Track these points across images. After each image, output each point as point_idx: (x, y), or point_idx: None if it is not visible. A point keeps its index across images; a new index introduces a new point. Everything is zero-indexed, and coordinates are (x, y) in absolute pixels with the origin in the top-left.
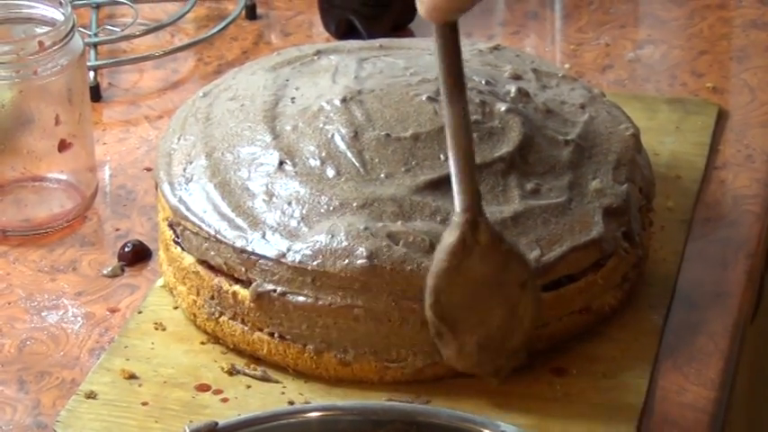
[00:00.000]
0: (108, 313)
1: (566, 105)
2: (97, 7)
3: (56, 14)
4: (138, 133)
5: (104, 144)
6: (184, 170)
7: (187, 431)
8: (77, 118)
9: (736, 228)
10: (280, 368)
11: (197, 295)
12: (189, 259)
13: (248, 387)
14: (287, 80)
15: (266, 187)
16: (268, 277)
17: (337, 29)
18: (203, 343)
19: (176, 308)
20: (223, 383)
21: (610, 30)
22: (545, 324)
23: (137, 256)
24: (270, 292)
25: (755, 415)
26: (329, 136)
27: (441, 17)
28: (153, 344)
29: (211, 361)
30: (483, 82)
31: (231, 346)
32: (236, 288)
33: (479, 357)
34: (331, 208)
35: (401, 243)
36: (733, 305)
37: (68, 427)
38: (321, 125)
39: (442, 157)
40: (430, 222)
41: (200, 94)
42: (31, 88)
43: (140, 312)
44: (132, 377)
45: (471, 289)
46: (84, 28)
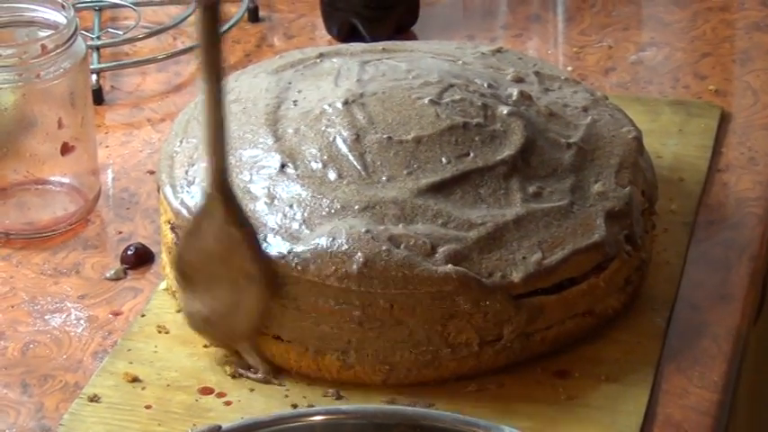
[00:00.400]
0: (111, 316)
1: (568, 108)
2: (100, 10)
3: (58, 18)
4: (141, 136)
5: (107, 147)
6: (187, 173)
7: None
8: (80, 121)
9: (739, 230)
10: (283, 371)
11: None
12: None
13: (251, 390)
14: (289, 83)
15: (268, 190)
16: None
17: (340, 32)
18: (206, 346)
19: (179, 311)
20: (226, 386)
21: (612, 32)
22: (548, 326)
23: (140, 259)
24: None
25: (759, 417)
26: (331, 139)
27: None
28: (156, 347)
29: (214, 364)
30: (485, 85)
31: (234, 350)
32: None
33: (204, 324)
34: (332, 211)
35: (402, 246)
36: (736, 308)
37: (72, 431)
38: (323, 128)
39: (444, 160)
40: (431, 225)
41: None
42: (34, 91)
43: (143, 315)
44: (135, 380)
45: (206, 258)
46: (86, 31)
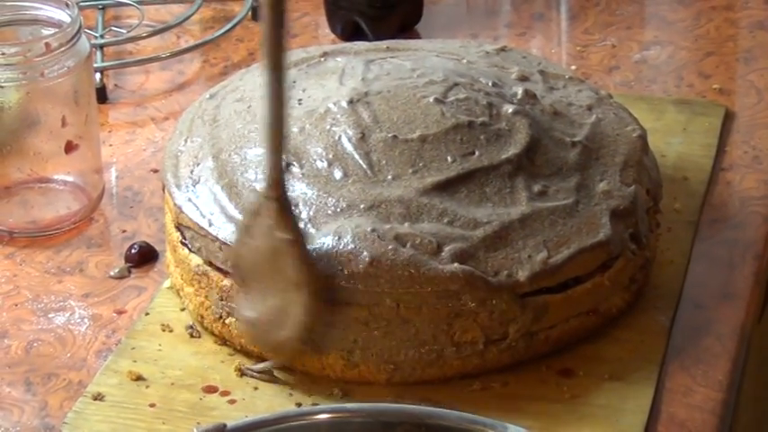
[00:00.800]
0: (115, 315)
1: (573, 107)
2: (103, 9)
3: (62, 16)
4: (145, 135)
5: (111, 146)
6: (191, 172)
7: None
8: (84, 119)
9: (743, 229)
10: (287, 369)
11: (204, 297)
12: (196, 261)
13: (255, 389)
14: (294, 82)
15: None
16: None
17: (343, 30)
18: (211, 344)
19: (183, 309)
20: (230, 385)
21: (616, 31)
22: (553, 325)
23: (143, 258)
24: None
25: (763, 416)
26: (336, 138)
27: None
28: (160, 345)
29: (219, 362)
30: (490, 83)
31: (238, 348)
32: None
33: (255, 330)
34: (338, 210)
35: (408, 245)
36: (740, 306)
37: (75, 429)
38: (328, 127)
39: (449, 159)
40: (437, 224)
41: (206, 96)
42: (38, 90)
43: (147, 314)
44: (139, 379)
45: (257, 257)
46: (90, 29)
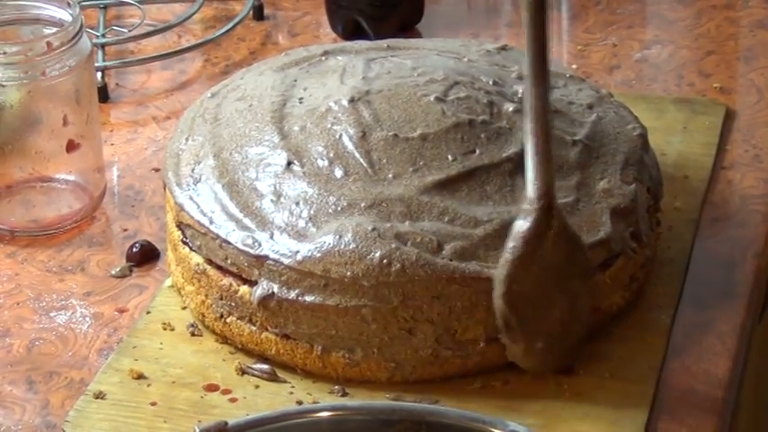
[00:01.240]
0: (116, 313)
1: (573, 106)
2: (105, 8)
3: (64, 15)
4: (146, 134)
5: (112, 145)
6: (192, 171)
7: (197, 431)
8: (85, 119)
9: (743, 227)
10: (288, 368)
11: (205, 295)
12: (197, 259)
13: (256, 387)
14: (295, 80)
15: (274, 188)
16: (276, 278)
17: (344, 29)
18: (212, 343)
19: (185, 308)
20: (231, 383)
21: (617, 30)
22: None
23: (145, 257)
24: (273, 295)
25: (763, 414)
26: (337, 136)
27: None
28: (161, 344)
29: (220, 361)
30: (491, 82)
31: (239, 347)
32: (243, 288)
33: (544, 356)
34: (339, 208)
35: (409, 243)
36: (741, 305)
37: (77, 428)
38: (329, 125)
39: (450, 158)
40: (438, 223)
41: (208, 95)
42: (40, 89)
43: (149, 312)
44: (141, 377)
45: (541, 279)
46: (91, 29)
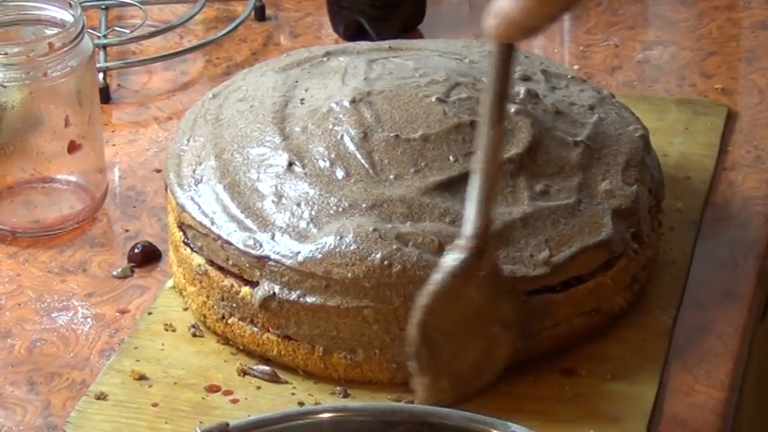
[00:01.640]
0: (118, 314)
1: (575, 107)
2: (106, 9)
3: (65, 16)
4: (148, 135)
5: (114, 145)
6: (194, 171)
7: None
8: (87, 119)
9: (745, 229)
10: (290, 369)
11: (206, 296)
12: (198, 260)
13: (258, 388)
14: (296, 81)
15: (275, 188)
16: (277, 278)
17: (346, 30)
18: (213, 344)
19: (186, 309)
20: (233, 384)
21: (618, 31)
22: (555, 324)
23: (146, 258)
24: (274, 296)
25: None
26: (338, 137)
27: (515, 35)
28: (163, 345)
29: (221, 362)
30: None
31: (241, 347)
32: (245, 289)
33: (446, 394)
34: (340, 209)
35: (410, 244)
36: (742, 306)
37: (78, 428)
38: (330, 126)
39: (451, 159)
40: (439, 223)
41: (209, 96)
42: (41, 90)
43: (150, 313)
44: (142, 378)
45: (459, 317)
46: (93, 29)
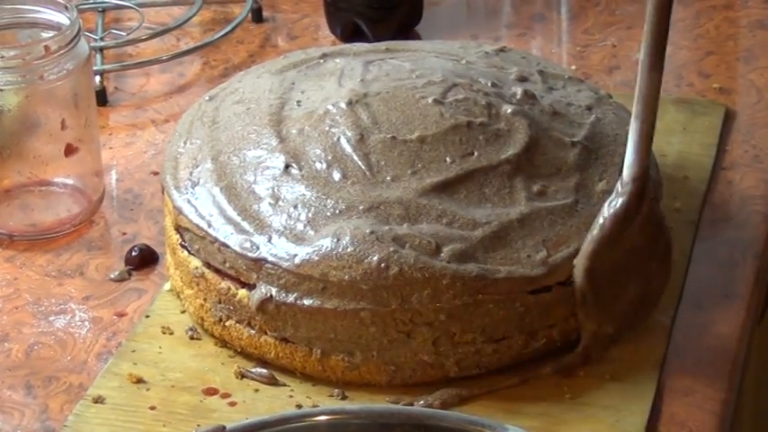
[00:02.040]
0: (115, 317)
1: (572, 107)
2: (103, 11)
3: (61, 19)
4: (145, 137)
5: (111, 148)
6: (191, 174)
7: None
8: (84, 122)
9: (743, 228)
10: (287, 371)
11: (204, 299)
12: (195, 263)
13: (256, 391)
14: (293, 83)
15: (272, 191)
16: (274, 281)
17: (343, 32)
18: (211, 347)
19: (184, 312)
20: (231, 387)
21: (616, 31)
22: (552, 325)
23: (144, 261)
24: (271, 299)
25: (764, 415)
26: (335, 139)
27: None
28: (160, 348)
29: (219, 365)
30: (489, 84)
31: (238, 350)
32: (242, 292)
33: (610, 340)
34: (337, 211)
35: (407, 246)
36: (741, 306)
37: None
38: (327, 128)
39: (448, 160)
40: (436, 225)
41: (206, 98)
42: (38, 93)
43: (148, 316)
44: (140, 381)
45: (622, 259)
46: (89, 32)
